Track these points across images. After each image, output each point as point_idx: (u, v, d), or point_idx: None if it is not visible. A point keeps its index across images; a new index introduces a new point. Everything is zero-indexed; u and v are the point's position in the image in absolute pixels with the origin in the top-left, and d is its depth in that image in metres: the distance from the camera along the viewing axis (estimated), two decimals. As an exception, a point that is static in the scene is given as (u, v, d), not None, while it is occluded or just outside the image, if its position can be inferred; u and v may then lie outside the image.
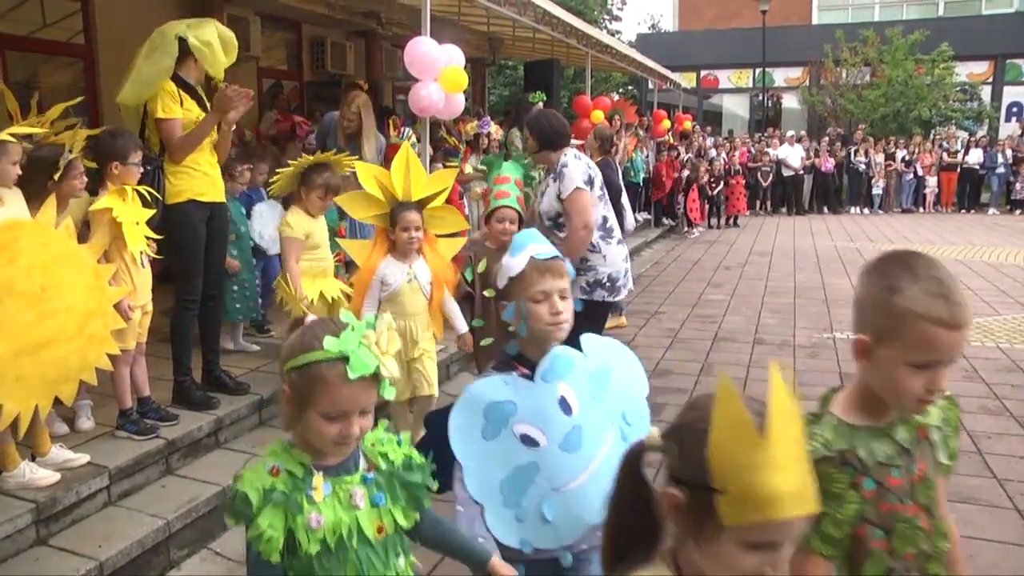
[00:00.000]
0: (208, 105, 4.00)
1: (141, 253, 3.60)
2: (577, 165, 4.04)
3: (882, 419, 1.45)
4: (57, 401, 2.99)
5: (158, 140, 3.93)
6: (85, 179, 3.54)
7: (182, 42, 3.87)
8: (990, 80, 22.83)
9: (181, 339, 4.07)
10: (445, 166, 7.05)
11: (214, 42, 3.89)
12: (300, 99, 10.48)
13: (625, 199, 7.51)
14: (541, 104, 7.56)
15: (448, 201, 6.74)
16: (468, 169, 7.24)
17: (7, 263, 2.76)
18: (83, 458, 3.33)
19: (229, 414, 4.03)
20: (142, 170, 3.63)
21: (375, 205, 3.64)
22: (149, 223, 3.66)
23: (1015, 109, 22.66)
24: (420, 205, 3.68)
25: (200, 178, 3.99)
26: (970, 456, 4.16)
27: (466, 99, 14.60)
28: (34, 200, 3.18)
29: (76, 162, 3.48)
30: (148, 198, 3.68)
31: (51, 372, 2.84)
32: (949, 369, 1.39)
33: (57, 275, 2.89)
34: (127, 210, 3.50)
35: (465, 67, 5.47)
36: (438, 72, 5.06)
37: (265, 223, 5.30)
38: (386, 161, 6.32)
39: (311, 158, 4.31)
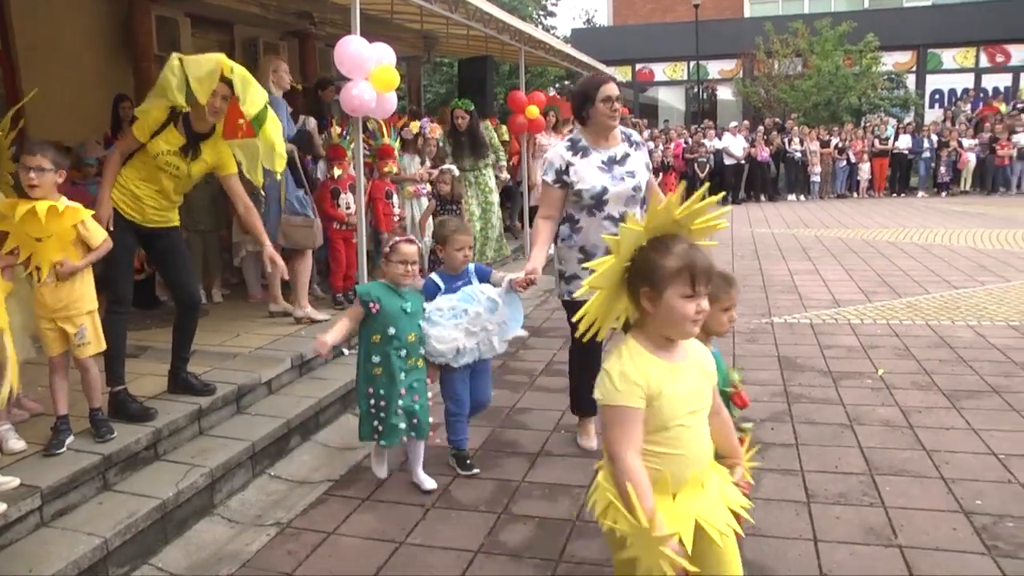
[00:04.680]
0: (197, 152, 4.12)
1: (55, 266, 3.51)
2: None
3: None
4: None
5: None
6: None
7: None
8: (914, 69, 23.74)
9: (111, 346, 3.94)
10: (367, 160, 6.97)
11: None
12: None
13: None
14: (460, 111, 7.49)
15: (373, 200, 6.74)
16: (387, 169, 7.15)
17: None
18: (13, 481, 3.20)
19: (167, 425, 3.92)
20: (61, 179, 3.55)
21: None
22: None
23: (937, 96, 23.60)
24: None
25: (129, 199, 4.01)
26: (902, 431, 4.30)
27: (401, 97, 14.49)
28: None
29: None
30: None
31: None
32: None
33: None
34: (21, 222, 3.40)
35: (399, 65, 5.43)
36: (369, 71, 5.01)
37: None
38: (329, 161, 6.26)
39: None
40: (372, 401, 3.66)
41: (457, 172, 6.92)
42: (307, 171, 6.09)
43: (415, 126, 7.69)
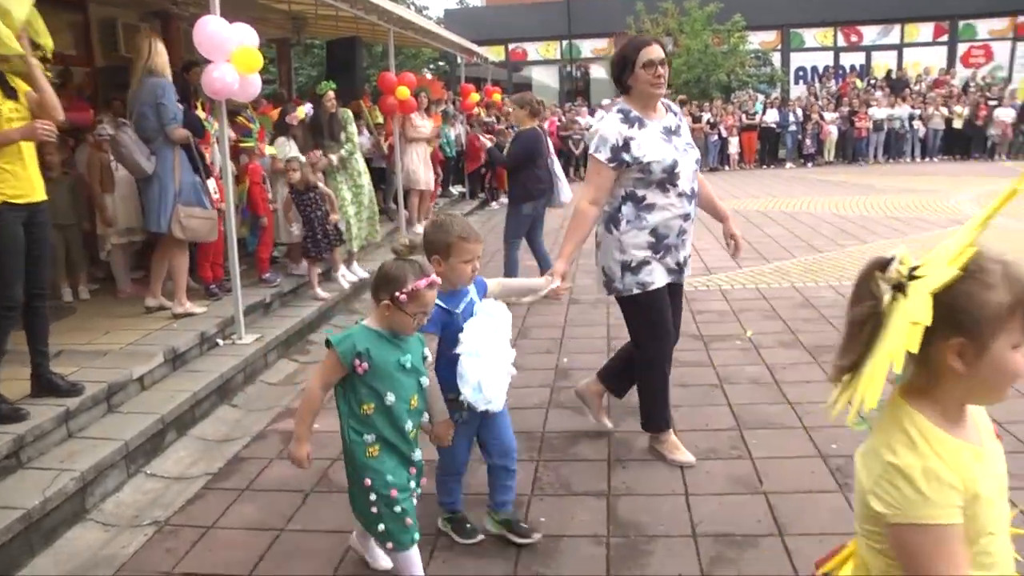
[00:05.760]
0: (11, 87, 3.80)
1: None
2: None
3: None
4: None
5: None
6: None
7: None
8: (778, 48, 24.92)
9: None
10: (240, 144, 6.77)
11: None
12: (93, 87, 9.73)
13: (559, 169, 7.30)
14: (332, 93, 7.35)
15: (251, 185, 6.55)
16: (271, 151, 6.96)
17: None
18: None
19: (31, 430, 3.70)
20: None
21: None
22: None
23: (801, 73, 24.86)
24: None
25: (12, 179, 3.74)
26: (768, 387, 4.56)
27: (272, 81, 14.02)
28: None
29: None
30: None
31: None
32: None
33: None
34: None
35: (266, 47, 5.29)
36: (230, 53, 4.85)
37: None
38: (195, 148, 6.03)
39: None
40: (374, 497, 2.54)
41: (303, 159, 6.77)
42: (203, 156, 5.85)
43: (301, 112, 7.49)
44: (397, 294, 2.46)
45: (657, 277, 3.51)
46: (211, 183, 6.02)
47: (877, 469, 1.26)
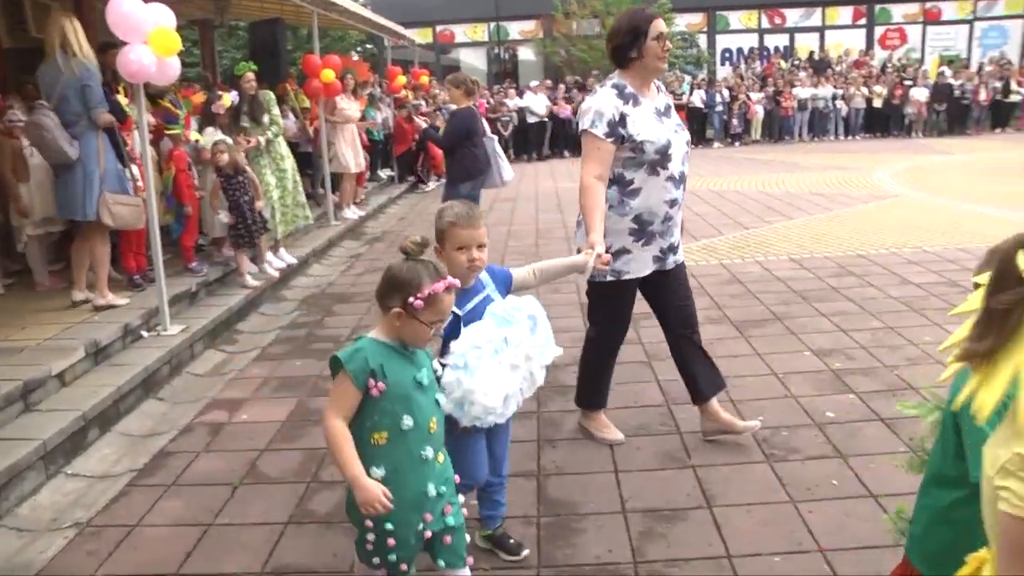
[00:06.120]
0: None
1: None
2: None
3: None
4: None
5: None
6: None
7: None
8: (704, 30, 25.30)
9: None
10: (166, 131, 6.57)
11: None
12: (1, 70, 9.27)
13: (499, 148, 7.22)
14: (251, 75, 7.17)
15: (177, 172, 6.37)
16: (195, 137, 6.76)
17: None
18: None
19: (-57, 433, 3.57)
20: None
21: None
22: None
23: (727, 54, 25.34)
24: None
25: None
26: (696, 363, 4.63)
27: (195, 64, 13.55)
28: None
29: None
30: None
31: None
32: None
33: None
34: None
35: (187, 28, 5.11)
36: (146, 34, 4.68)
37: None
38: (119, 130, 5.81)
39: None
40: (372, 537, 2.15)
41: (230, 141, 6.61)
42: (124, 143, 5.64)
43: (227, 99, 7.27)
44: (411, 300, 2.10)
45: (634, 267, 3.45)
46: (133, 170, 5.83)
47: (1003, 458, 1.12)
